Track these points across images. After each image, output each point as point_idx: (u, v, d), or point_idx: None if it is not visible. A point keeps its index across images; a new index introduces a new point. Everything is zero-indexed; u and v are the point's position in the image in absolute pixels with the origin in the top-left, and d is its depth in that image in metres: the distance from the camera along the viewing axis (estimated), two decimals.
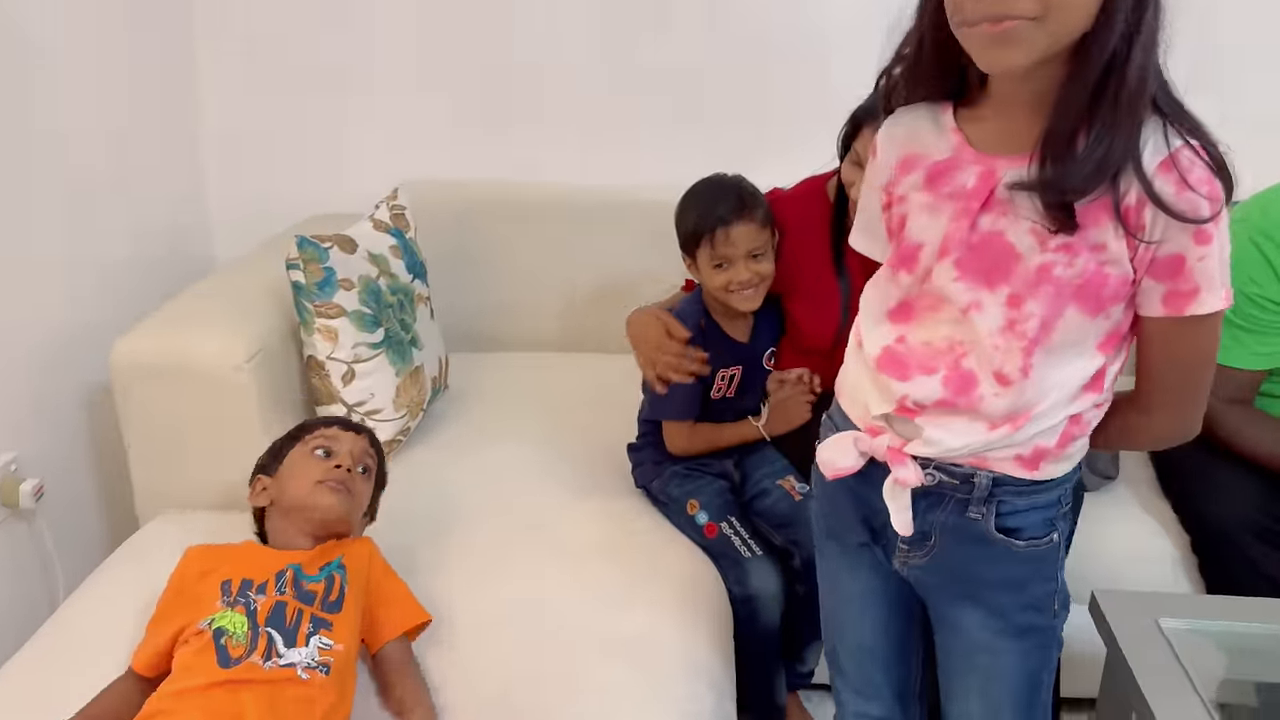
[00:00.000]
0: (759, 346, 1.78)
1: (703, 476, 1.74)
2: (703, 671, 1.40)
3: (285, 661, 1.22)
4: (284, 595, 1.30)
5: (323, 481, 1.42)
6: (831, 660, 1.29)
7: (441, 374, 2.08)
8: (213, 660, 1.21)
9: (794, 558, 1.66)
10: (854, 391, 1.14)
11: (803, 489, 1.71)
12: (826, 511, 1.23)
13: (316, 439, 1.50)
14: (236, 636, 1.24)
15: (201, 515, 1.76)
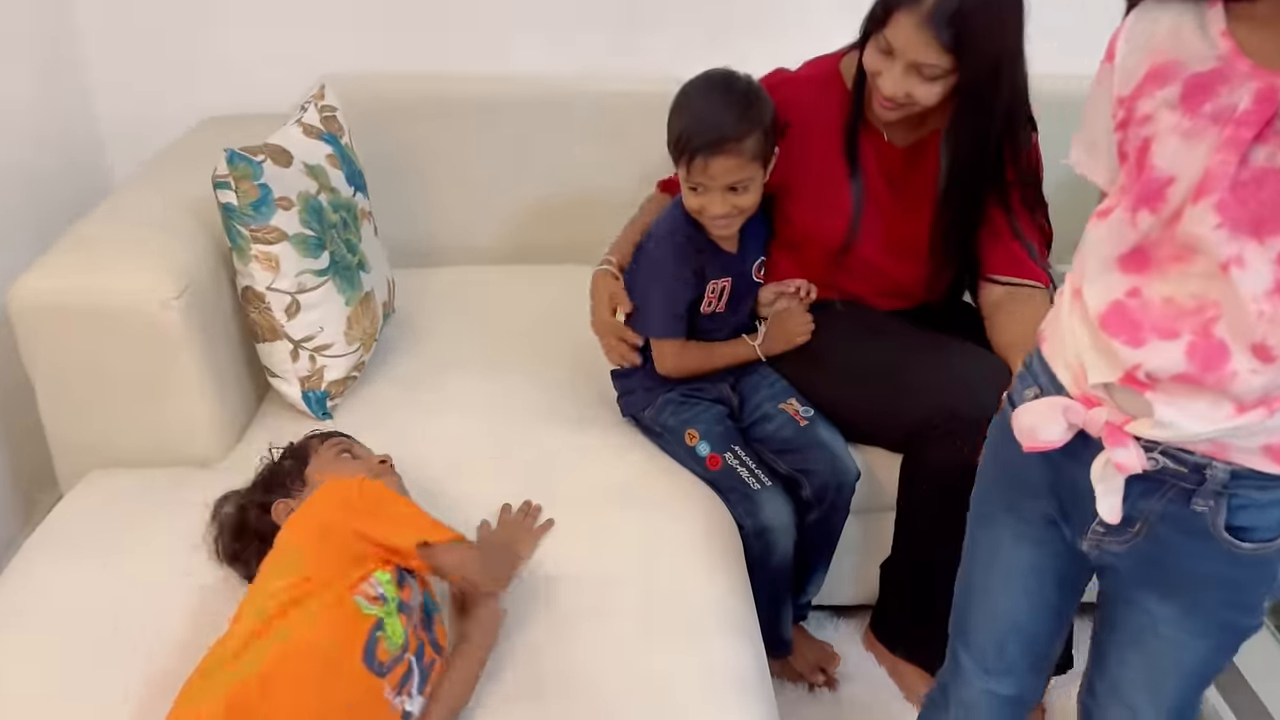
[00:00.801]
0: (748, 257, 1.64)
1: (699, 403, 1.61)
2: (734, 621, 1.31)
3: (406, 708, 1.07)
4: (418, 629, 1.15)
5: (381, 475, 1.32)
6: (961, 630, 1.18)
7: (390, 297, 1.89)
8: (358, 650, 1.04)
9: (802, 487, 1.56)
10: (1066, 350, 0.96)
11: (806, 412, 1.60)
12: (1004, 478, 1.09)
13: (333, 446, 1.39)
14: (392, 643, 1.07)
15: (138, 474, 1.56)
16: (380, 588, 1.10)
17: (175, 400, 1.56)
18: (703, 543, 1.42)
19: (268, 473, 1.37)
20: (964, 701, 1.15)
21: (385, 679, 1.04)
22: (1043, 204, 1.62)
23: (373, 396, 1.73)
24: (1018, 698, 1.15)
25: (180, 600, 1.28)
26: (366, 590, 1.09)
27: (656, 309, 1.58)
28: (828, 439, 1.58)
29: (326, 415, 1.68)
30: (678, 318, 1.59)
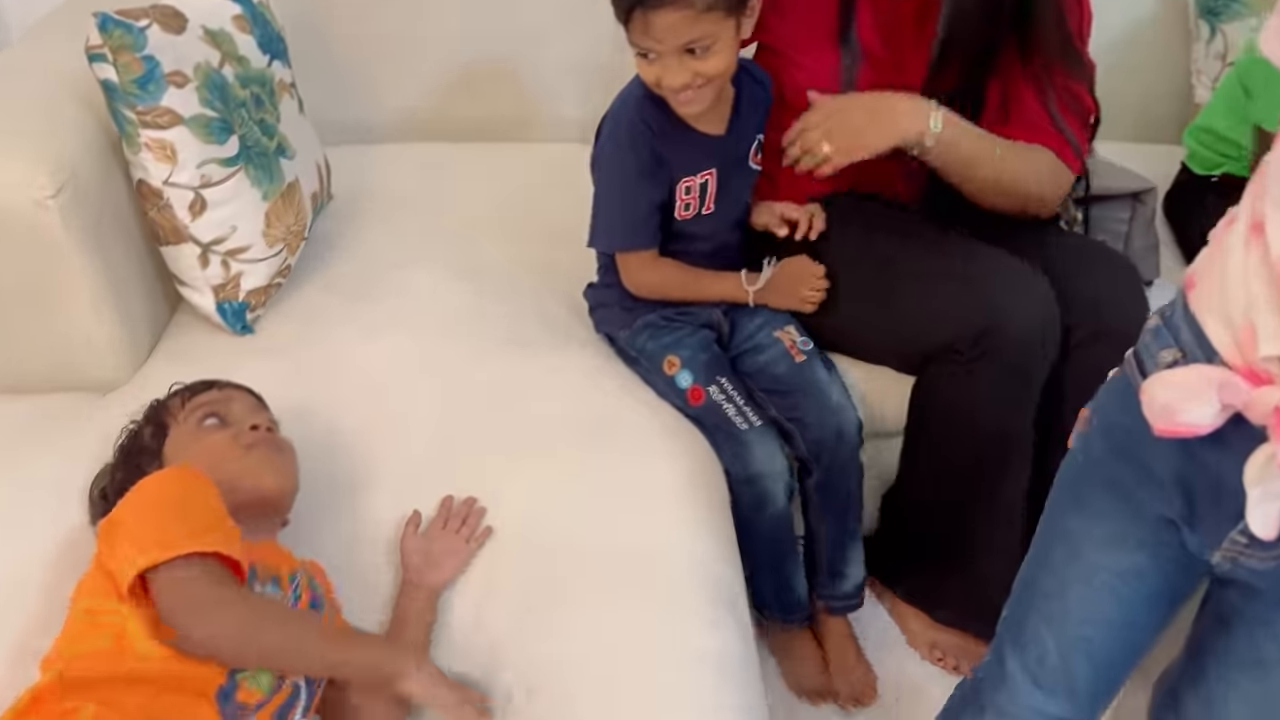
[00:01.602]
0: (742, 137, 1.37)
1: (683, 326, 1.38)
2: (716, 587, 1.12)
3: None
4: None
5: (252, 447, 1.03)
6: (1014, 632, 0.97)
7: (323, 186, 1.62)
8: (210, 700, 0.83)
9: (794, 439, 1.34)
10: (1230, 303, 0.71)
11: (804, 345, 1.38)
12: (1115, 459, 0.85)
13: (195, 411, 1.08)
14: (256, 684, 0.86)
15: (27, 402, 1.34)
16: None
17: (66, 315, 1.33)
18: (684, 492, 1.22)
19: (126, 446, 1.12)
20: (1003, 711, 0.96)
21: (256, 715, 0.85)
22: (1084, 71, 1.36)
23: (302, 307, 1.49)
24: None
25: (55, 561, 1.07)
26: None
27: (613, 215, 1.33)
28: (824, 382, 1.36)
29: (247, 329, 1.44)
30: (642, 224, 1.34)
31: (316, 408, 1.30)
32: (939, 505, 1.40)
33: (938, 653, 1.48)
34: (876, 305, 1.36)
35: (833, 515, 1.40)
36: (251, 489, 1.01)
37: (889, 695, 1.46)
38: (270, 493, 1.03)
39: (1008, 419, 1.31)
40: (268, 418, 1.13)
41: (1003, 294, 1.28)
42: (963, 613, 1.45)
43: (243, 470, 1.01)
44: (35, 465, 1.21)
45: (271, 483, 1.02)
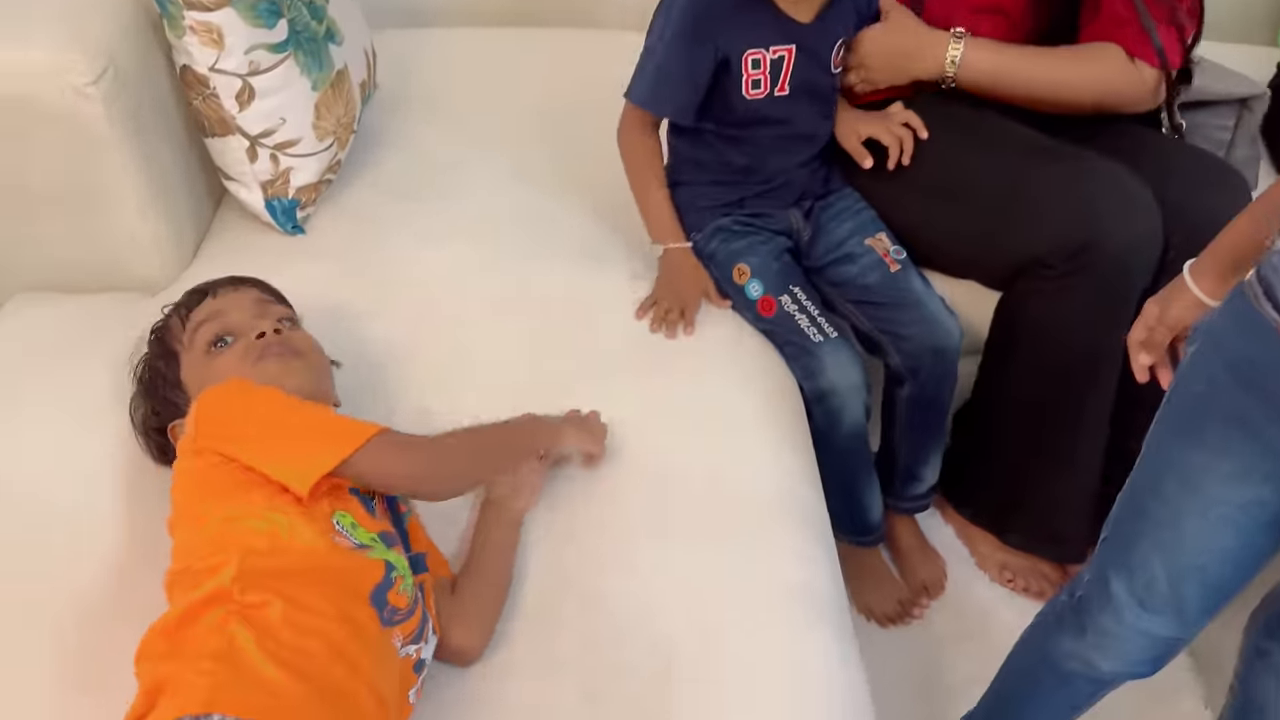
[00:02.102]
0: (828, 32, 1.26)
1: (757, 233, 1.30)
2: (802, 515, 1.07)
3: (422, 656, 0.86)
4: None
5: (261, 358, 0.96)
6: (1120, 556, 0.92)
7: (370, 74, 1.53)
8: (365, 600, 0.81)
9: (888, 353, 1.28)
10: None
11: (898, 253, 1.29)
12: (1237, 385, 0.80)
13: (198, 334, 1.00)
14: (406, 587, 0.84)
15: (71, 302, 1.28)
16: (348, 534, 0.84)
17: (109, 211, 1.26)
18: (761, 412, 1.17)
19: (145, 379, 1.05)
20: (1106, 631, 0.93)
21: (397, 626, 0.82)
22: None
23: (353, 206, 1.41)
24: (1177, 640, 0.93)
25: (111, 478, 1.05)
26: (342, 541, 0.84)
27: (646, 65, 1.25)
28: (922, 293, 1.29)
29: (298, 229, 1.38)
30: (666, 87, 1.25)
31: (370, 314, 1.24)
32: (1018, 425, 1.34)
33: (1007, 574, 1.45)
34: (967, 213, 1.28)
35: (919, 427, 1.35)
36: None
37: (959, 617, 1.43)
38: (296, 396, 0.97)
39: (1099, 338, 1.24)
40: (276, 313, 1.04)
41: (1105, 206, 1.20)
42: (1033, 536, 1.42)
43: (261, 383, 0.95)
44: (83, 370, 1.16)
45: (293, 386, 0.96)
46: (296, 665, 0.74)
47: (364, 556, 0.83)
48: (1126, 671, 0.96)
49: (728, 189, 1.32)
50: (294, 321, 1.05)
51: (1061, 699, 1.03)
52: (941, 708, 1.31)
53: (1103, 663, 0.95)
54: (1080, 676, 0.98)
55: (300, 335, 1.03)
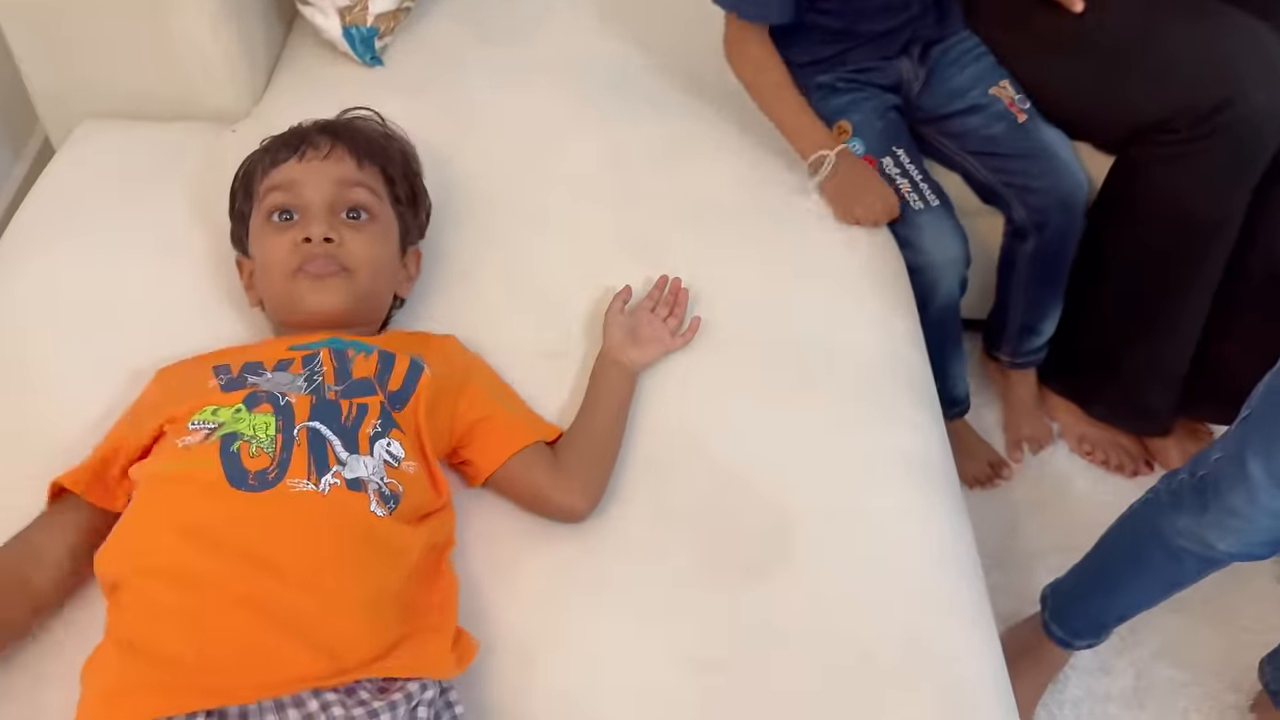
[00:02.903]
0: None
1: (863, 89, 1.22)
2: (910, 382, 1.05)
3: (351, 475, 0.78)
4: (322, 383, 0.84)
5: (300, 270, 0.90)
6: (1260, 437, 0.89)
7: None
8: (218, 475, 0.76)
9: (1012, 206, 1.22)
10: None
11: (1023, 102, 1.22)
12: None
13: (269, 191, 0.94)
14: (259, 442, 0.78)
15: (142, 127, 1.23)
16: (205, 424, 0.81)
17: (177, 27, 1.19)
18: (866, 274, 1.13)
19: (232, 201, 1.01)
20: (1235, 511, 0.91)
21: (284, 480, 0.77)
22: None
23: (431, 39, 1.34)
24: None
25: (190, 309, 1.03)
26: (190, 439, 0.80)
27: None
28: (1053, 143, 1.22)
29: (376, 60, 1.31)
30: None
31: (448, 158, 1.17)
32: (1119, 295, 1.31)
33: (1086, 446, 1.43)
34: (1090, 67, 1.20)
35: (1041, 281, 1.31)
36: (302, 315, 0.92)
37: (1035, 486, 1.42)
38: (315, 320, 0.92)
39: (1221, 206, 1.19)
40: (350, 201, 0.94)
41: (1244, 67, 1.13)
42: (1120, 408, 1.40)
43: (286, 295, 0.92)
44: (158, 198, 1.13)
45: (309, 310, 0.91)
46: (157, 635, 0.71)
47: (191, 451, 0.79)
48: (1243, 553, 0.95)
49: (828, 46, 1.24)
50: (370, 212, 0.95)
51: (1165, 576, 1.03)
52: (1015, 575, 1.32)
53: (1219, 542, 0.94)
54: (1191, 555, 0.98)
55: (361, 241, 0.93)
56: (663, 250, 1.11)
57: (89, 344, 0.99)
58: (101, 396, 0.93)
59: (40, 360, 0.98)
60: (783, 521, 0.91)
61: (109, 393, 0.93)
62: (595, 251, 1.11)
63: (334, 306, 0.91)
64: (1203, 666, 1.24)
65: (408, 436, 0.84)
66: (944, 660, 0.84)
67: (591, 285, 1.07)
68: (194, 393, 0.84)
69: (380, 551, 0.77)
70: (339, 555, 0.75)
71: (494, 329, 1.02)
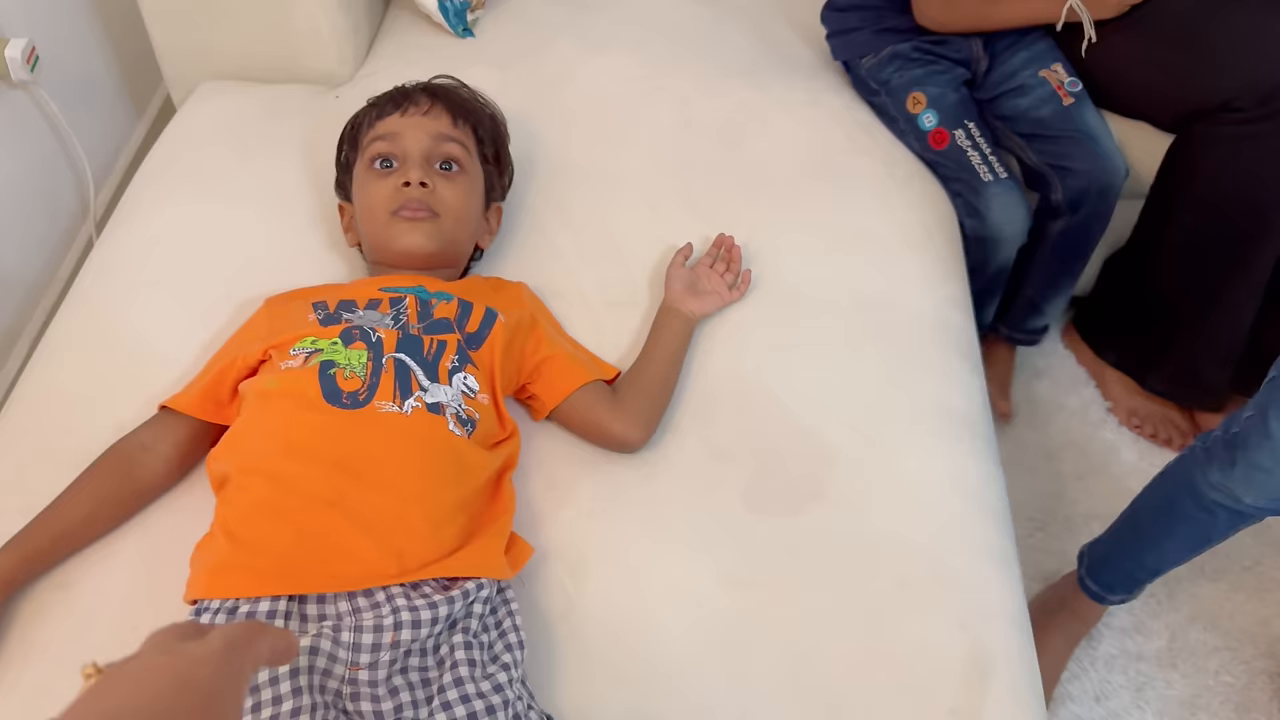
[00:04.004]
0: None
1: (937, 61, 1.28)
2: (956, 339, 1.10)
3: (432, 400, 0.88)
4: (406, 322, 0.94)
5: (396, 212, 1.00)
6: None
7: None
8: (316, 394, 0.86)
9: (1052, 187, 1.26)
10: None
11: (1073, 85, 1.26)
12: None
13: (373, 141, 1.05)
14: (352, 368, 0.88)
15: (255, 89, 1.35)
16: (304, 349, 0.91)
17: (292, 3, 1.30)
18: (919, 239, 1.19)
19: (339, 149, 1.13)
20: (1259, 466, 0.96)
21: (373, 401, 0.87)
22: None
23: (520, 11, 1.43)
24: None
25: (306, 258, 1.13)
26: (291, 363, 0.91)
27: None
28: (1095, 127, 1.26)
29: (467, 32, 1.40)
30: None
31: (535, 120, 1.27)
32: (1178, 271, 1.33)
33: (1136, 420, 1.47)
34: (1153, 44, 1.23)
35: (1061, 260, 1.35)
36: (395, 254, 1.02)
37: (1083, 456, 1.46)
38: (406, 260, 1.02)
39: (1277, 189, 1.21)
40: (446, 153, 1.04)
41: None
42: (1176, 381, 1.43)
43: (386, 232, 1.02)
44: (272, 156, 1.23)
45: (402, 249, 1.01)
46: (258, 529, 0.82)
47: (293, 373, 0.89)
48: (1270, 507, 0.99)
49: (908, 16, 1.29)
50: (460, 165, 1.05)
51: (1198, 528, 1.07)
52: (1059, 539, 1.37)
53: (1246, 495, 0.99)
54: (1223, 508, 1.02)
55: (451, 190, 1.03)
56: (725, 212, 1.18)
57: (204, 282, 1.09)
58: (213, 327, 1.04)
59: (160, 297, 1.09)
60: (824, 460, 0.98)
61: (221, 323, 1.04)
62: (662, 211, 1.19)
63: (423, 247, 1.01)
64: (1237, 632, 1.28)
65: (481, 372, 0.93)
66: (971, 588, 0.91)
67: (657, 242, 1.15)
68: (295, 324, 0.94)
69: (454, 466, 0.86)
70: (417, 467, 0.84)
71: (565, 278, 1.11)
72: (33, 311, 1.41)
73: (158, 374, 1.00)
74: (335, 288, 1.03)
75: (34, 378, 1.03)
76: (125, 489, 0.90)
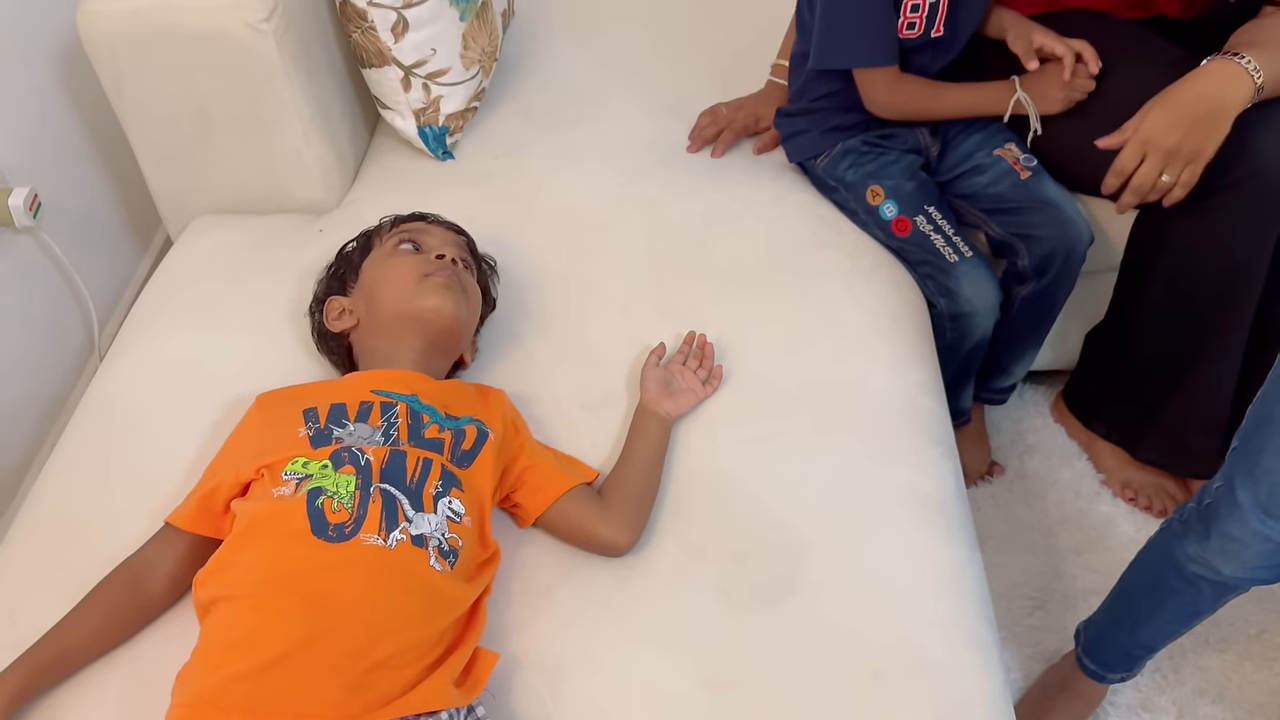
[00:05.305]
0: None
1: (887, 152, 1.32)
2: (929, 427, 1.12)
3: (416, 531, 0.88)
4: (396, 443, 0.95)
5: (429, 275, 1.06)
6: (1248, 464, 0.94)
7: (510, 3, 1.59)
8: (304, 526, 0.87)
9: (1019, 255, 1.29)
10: None
11: (1028, 161, 1.30)
12: None
13: (395, 235, 1.13)
14: (340, 499, 0.89)
15: (245, 221, 1.41)
16: (295, 475, 0.92)
17: (279, 137, 1.36)
18: (888, 327, 1.21)
19: (335, 262, 1.19)
20: (1231, 535, 0.96)
21: (359, 534, 0.87)
22: None
23: (498, 132, 1.50)
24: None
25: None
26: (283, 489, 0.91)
27: (849, 29, 1.24)
28: (1055, 196, 1.29)
29: (448, 155, 1.46)
30: (884, 37, 1.24)
31: (513, 233, 1.32)
32: (1155, 342, 1.35)
33: (1129, 491, 1.47)
34: (1106, 127, 1.26)
35: (1028, 323, 1.37)
36: (418, 312, 1.05)
37: (1080, 530, 1.46)
38: (430, 316, 1.05)
39: (1242, 258, 1.23)
40: (460, 253, 1.13)
41: (1257, 121, 1.17)
42: (1165, 451, 1.43)
43: (413, 293, 1.05)
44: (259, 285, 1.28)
45: (431, 305, 1.05)
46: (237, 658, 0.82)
47: (283, 502, 0.89)
48: (1249, 577, 0.99)
49: (852, 114, 1.34)
50: (472, 270, 1.14)
51: (1184, 602, 1.06)
52: (1059, 617, 1.36)
53: (1225, 567, 0.98)
54: (1204, 580, 1.02)
55: (472, 284, 1.12)
56: (697, 310, 1.22)
57: (198, 408, 1.12)
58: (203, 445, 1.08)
59: (154, 417, 1.12)
60: (799, 552, 0.99)
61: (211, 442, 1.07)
62: (635, 313, 1.22)
63: (450, 309, 1.05)
64: (1246, 704, 1.25)
65: (468, 494, 0.94)
66: (947, 676, 0.90)
67: (631, 344, 1.18)
68: (287, 440, 0.95)
69: (432, 603, 0.86)
70: (395, 606, 0.85)
71: (541, 384, 1.15)
72: (40, 446, 1.46)
73: (153, 498, 1.02)
74: (326, 387, 1.05)
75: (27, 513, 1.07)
76: (132, 605, 0.93)
